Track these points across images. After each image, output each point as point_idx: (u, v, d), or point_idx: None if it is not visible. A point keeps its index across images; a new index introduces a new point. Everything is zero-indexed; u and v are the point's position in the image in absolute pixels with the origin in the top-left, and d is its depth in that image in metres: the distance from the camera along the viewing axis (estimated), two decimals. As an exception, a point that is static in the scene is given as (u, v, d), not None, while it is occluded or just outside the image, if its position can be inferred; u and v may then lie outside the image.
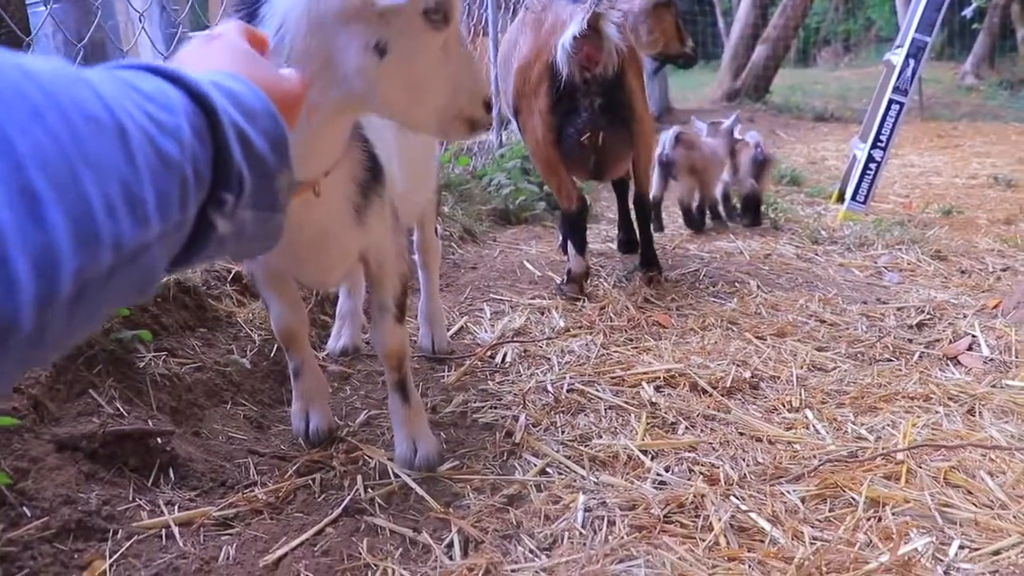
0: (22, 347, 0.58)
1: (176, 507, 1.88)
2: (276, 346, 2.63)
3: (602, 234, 4.93)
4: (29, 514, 1.73)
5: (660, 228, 5.07)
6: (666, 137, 4.98)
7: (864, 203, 5.71)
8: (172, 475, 2.00)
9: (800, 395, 2.53)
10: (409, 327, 2.95)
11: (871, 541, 1.78)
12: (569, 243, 3.69)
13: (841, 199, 6.01)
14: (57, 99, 0.62)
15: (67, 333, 0.64)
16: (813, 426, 2.34)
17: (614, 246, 4.52)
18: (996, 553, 1.74)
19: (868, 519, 1.87)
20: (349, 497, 1.94)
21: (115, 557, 1.69)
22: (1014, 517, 1.88)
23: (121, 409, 2.07)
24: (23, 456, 1.83)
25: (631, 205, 4.09)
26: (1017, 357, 2.82)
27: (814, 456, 2.15)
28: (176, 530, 1.79)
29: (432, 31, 1.49)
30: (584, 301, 3.45)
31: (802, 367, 2.75)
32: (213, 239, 0.83)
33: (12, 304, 0.55)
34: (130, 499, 1.87)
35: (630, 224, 4.33)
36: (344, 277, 2.14)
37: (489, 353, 2.87)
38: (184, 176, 0.74)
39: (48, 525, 1.72)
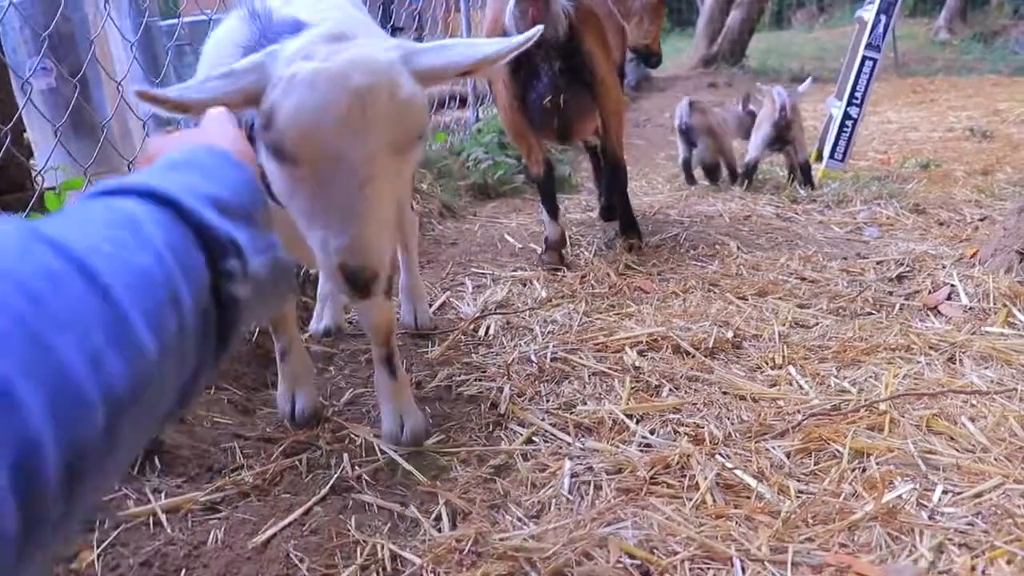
0: (20, 546, 0.52)
1: (163, 494, 1.87)
2: (257, 330, 2.62)
3: (582, 203, 4.92)
4: (14, 508, 1.72)
5: (692, 181, 5.46)
6: (681, 106, 5.31)
7: (842, 161, 5.71)
8: (158, 463, 1.99)
9: (783, 352, 2.53)
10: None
11: (856, 491, 1.79)
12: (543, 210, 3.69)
13: (819, 158, 6.01)
14: (6, 270, 0.57)
15: (76, 502, 0.59)
16: (796, 382, 2.35)
17: (595, 215, 4.50)
18: (978, 496, 1.76)
19: (853, 470, 1.88)
20: (336, 476, 1.94)
21: (103, 547, 1.69)
22: (995, 460, 1.89)
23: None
24: (5, 451, 1.81)
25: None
26: (995, 304, 2.84)
27: (798, 411, 2.16)
28: (163, 517, 1.79)
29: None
30: (565, 270, 3.45)
31: (784, 324, 2.76)
32: (241, 311, 0.81)
33: None
34: (116, 489, 1.86)
35: (612, 191, 4.23)
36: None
37: (472, 326, 2.87)
38: (169, 274, 0.71)
39: (34, 518, 1.71)
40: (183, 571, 1.64)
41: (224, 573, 1.63)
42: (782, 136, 5.11)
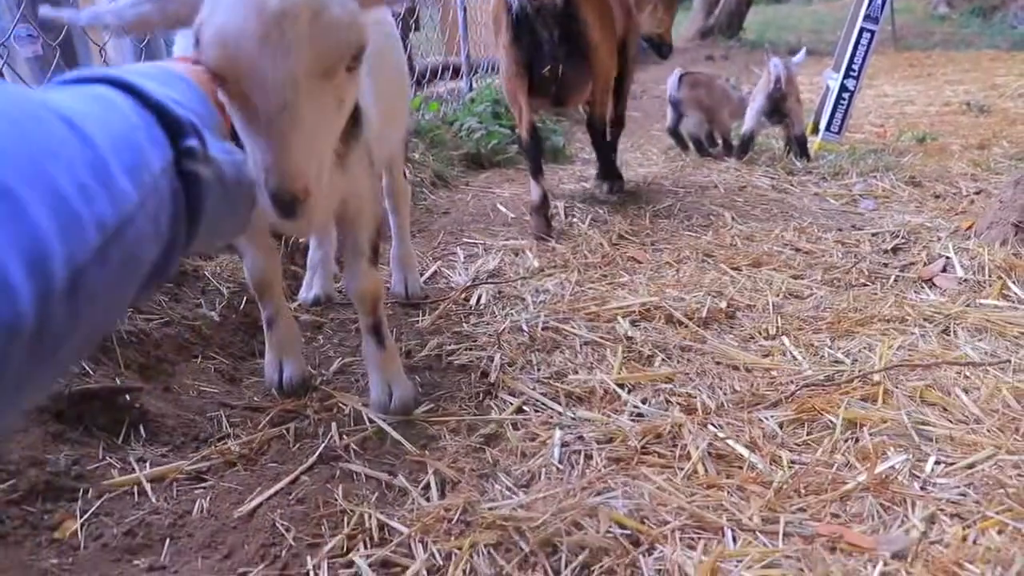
0: (32, 347, 0.58)
1: (148, 463, 1.85)
2: (245, 298, 2.59)
3: (576, 174, 4.88)
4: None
5: (684, 147, 5.50)
6: (672, 77, 5.36)
7: (838, 133, 5.68)
8: (143, 432, 1.96)
9: (776, 322, 2.51)
10: (382, 273, 2.92)
11: (849, 462, 1.78)
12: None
13: (816, 130, 5.97)
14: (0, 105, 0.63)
15: (75, 328, 0.64)
16: (790, 352, 2.33)
17: (588, 185, 4.49)
18: (971, 466, 1.75)
19: (845, 440, 1.86)
20: (324, 445, 1.91)
21: (86, 516, 1.66)
22: (987, 431, 1.88)
23: (87, 368, 2.04)
24: (-13, 419, 1.79)
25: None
26: (990, 276, 2.82)
27: (791, 382, 2.14)
28: (148, 486, 1.77)
29: None
30: (554, 241, 3.42)
31: (778, 295, 2.74)
32: (204, 190, 0.86)
33: (10, 305, 0.55)
34: (100, 458, 1.84)
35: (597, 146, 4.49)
36: (325, 224, 2.10)
37: (463, 295, 2.84)
38: (139, 139, 0.77)
39: (15, 487, 1.69)
40: (167, 540, 1.62)
41: (209, 543, 1.61)
42: (777, 108, 5.07)
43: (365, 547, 1.56)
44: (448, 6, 7.96)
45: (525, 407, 2.07)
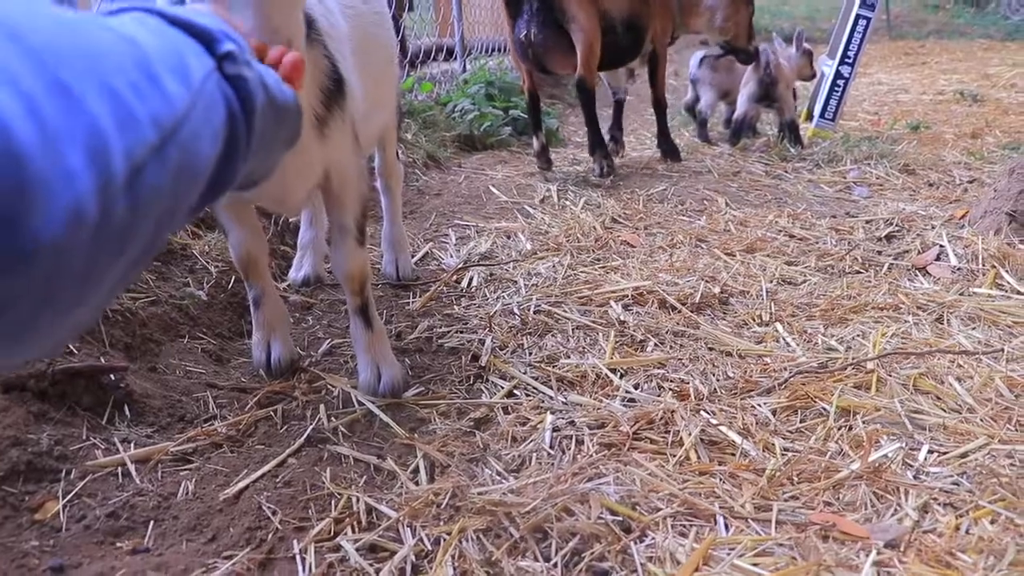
0: (99, 238, 0.61)
1: (132, 444, 1.82)
2: (234, 278, 2.56)
3: (569, 157, 4.86)
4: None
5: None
6: (694, 59, 5.66)
7: (833, 120, 5.66)
8: (128, 412, 1.93)
9: (770, 309, 2.50)
10: (372, 254, 2.89)
11: (842, 450, 1.76)
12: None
13: (810, 117, 5.95)
14: (38, 7, 0.63)
15: (139, 225, 0.67)
16: (783, 339, 2.31)
17: (581, 168, 4.49)
18: (964, 456, 1.73)
19: (839, 428, 1.85)
20: (311, 427, 1.89)
21: (68, 497, 1.63)
22: (981, 420, 1.87)
23: (71, 346, 2.00)
24: (-34, 399, 1.76)
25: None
26: (984, 265, 2.81)
27: (784, 368, 2.13)
28: (132, 467, 1.74)
29: None
30: (551, 224, 3.39)
31: (772, 281, 2.72)
32: (253, 89, 0.90)
33: (74, 193, 0.57)
34: (83, 438, 1.81)
35: (619, 123, 5.17)
36: (306, 199, 2.07)
37: (455, 278, 2.81)
38: (178, 46, 0.81)
39: (-4, 467, 1.66)
40: (152, 522, 1.59)
41: (194, 525, 1.58)
42: (768, 93, 5.07)
43: (353, 531, 1.54)
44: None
45: (516, 391, 2.05)
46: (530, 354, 2.23)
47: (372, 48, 2.18)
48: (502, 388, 2.05)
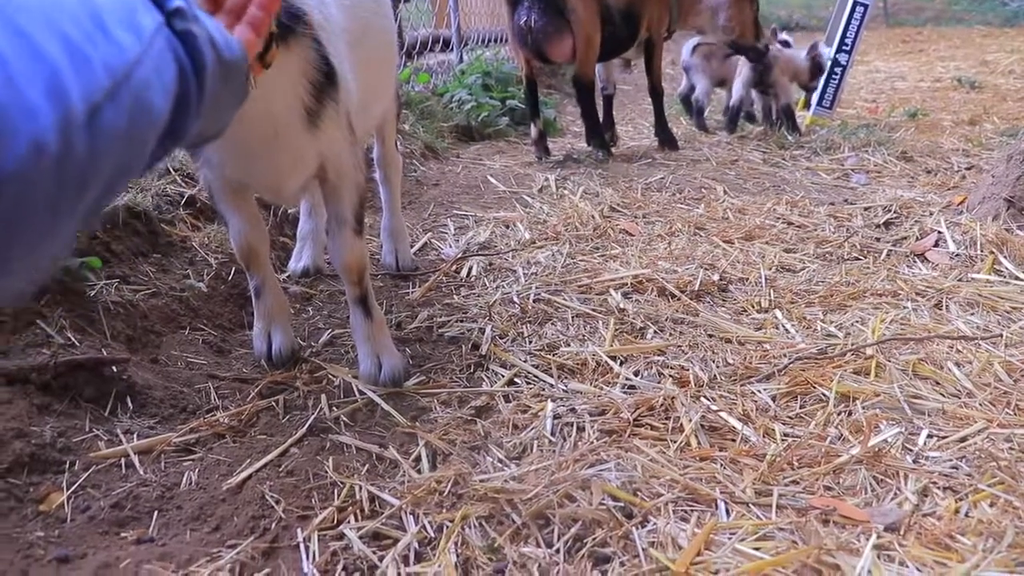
0: (59, 174, 0.65)
1: (135, 435, 1.82)
2: (234, 269, 2.56)
3: (567, 147, 4.86)
4: (-18, 448, 1.67)
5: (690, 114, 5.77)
6: (686, 46, 5.72)
7: (830, 107, 5.66)
8: (130, 403, 1.94)
9: (769, 296, 2.50)
10: (371, 244, 2.89)
11: (842, 435, 1.77)
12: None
13: (807, 105, 5.95)
14: None
15: (98, 165, 0.71)
16: (782, 325, 2.32)
17: (578, 158, 4.51)
18: (963, 440, 1.74)
19: (838, 414, 1.86)
20: (313, 417, 1.89)
21: (72, 488, 1.64)
22: (979, 404, 1.88)
23: (73, 339, 2.00)
24: (-32, 392, 1.76)
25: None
26: (982, 251, 2.81)
27: (784, 355, 2.13)
28: (136, 458, 1.74)
29: None
30: (549, 213, 3.40)
31: (770, 268, 2.73)
32: (202, 46, 0.91)
33: (35, 126, 0.61)
34: (86, 430, 1.82)
35: (611, 118, 5.17)
36: (302, 188, 2.07)
37: (454, 268, 2.81)
38: (131, 5, 0.82)
39: (0, 460, 1.66)
40: (155, 513, 1.59)
41: (198, 515, 1.59)
42: (763, 79, 5.09)
43: (356, 519, 1.54)
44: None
45: (517, 379, 2.05)
46: (530, 342, 2.23)
47: (370, 37, 2.16)
48: (503, 376, 2.05)
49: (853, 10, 5.74)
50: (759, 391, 1.96)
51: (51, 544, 1.51)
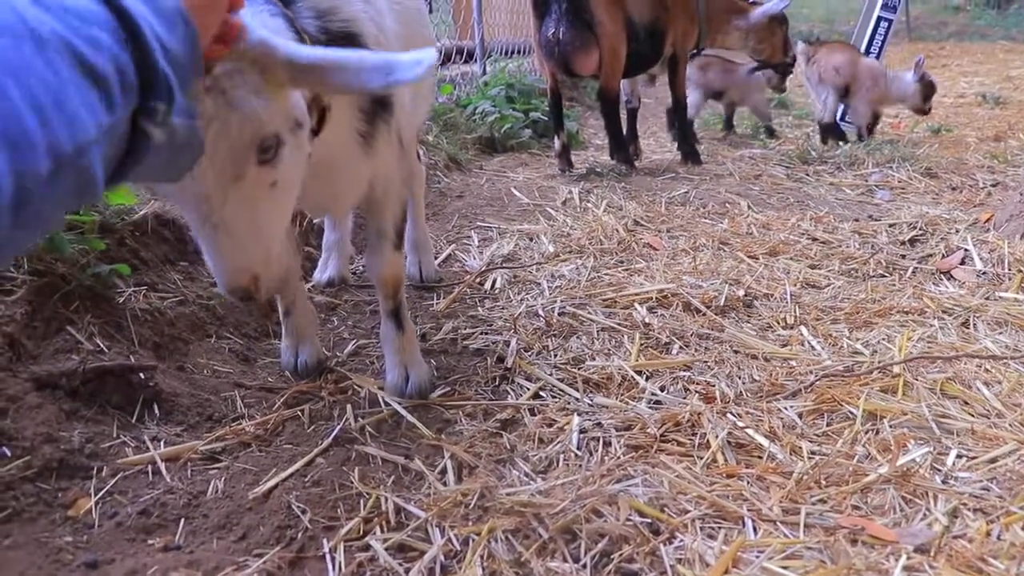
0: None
1: (162, 442, 1.83)
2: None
3: (589, 160, 4.86)
4: (9, 454, 1.69)
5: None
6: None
7: (853, 123, 5.64)
8: (157, 410, 1.95)
9: (794, 312, 2.49)
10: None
11: (870, 453, 1.75)
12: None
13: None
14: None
15: (11, 241, 0.67)
16: (808, 342, 2.31)
17: (601, 171, 4.52)
18: (993, 461, 1.72)
19: (866, 432, 1.84)
20: (339, 427, 1.90)
21: (100, 494, 1.65)
22: (1010, 425, 1.86)
23: (101, 345, 2.02)
24: (0, 395, 1.78)
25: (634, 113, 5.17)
26: (1009, 269, 2.79)
27: (810, 372, 2.12)
28: (162, 465, 1.75)
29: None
30: (573, 226, 3.40)
31: (795, 284, 2.72)
32: (149, 149, 0.85)
33: None
34: (114, 436, 1.83)
35: (634, 131, 5.17)
36: (355, 205, 2.08)
37: (478, 280, 2.82)
38: (107, 79, 0.76)
39: (30, 464, 1.68)
40: (182, 520, 1.60)
41: (224, 523, 1.59)
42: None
43: (382, 530, 1.54)
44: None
45: (542, 392, 2.05)
46: (555, 356, 2.23)
47: (417, 44, 2.12)
48: (528, 390, 2.05)
49: (877, 25, 5.75)
50: (785, 408, 1.95)
51: (79, 549, 1.52)
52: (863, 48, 5.83)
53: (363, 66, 1.22)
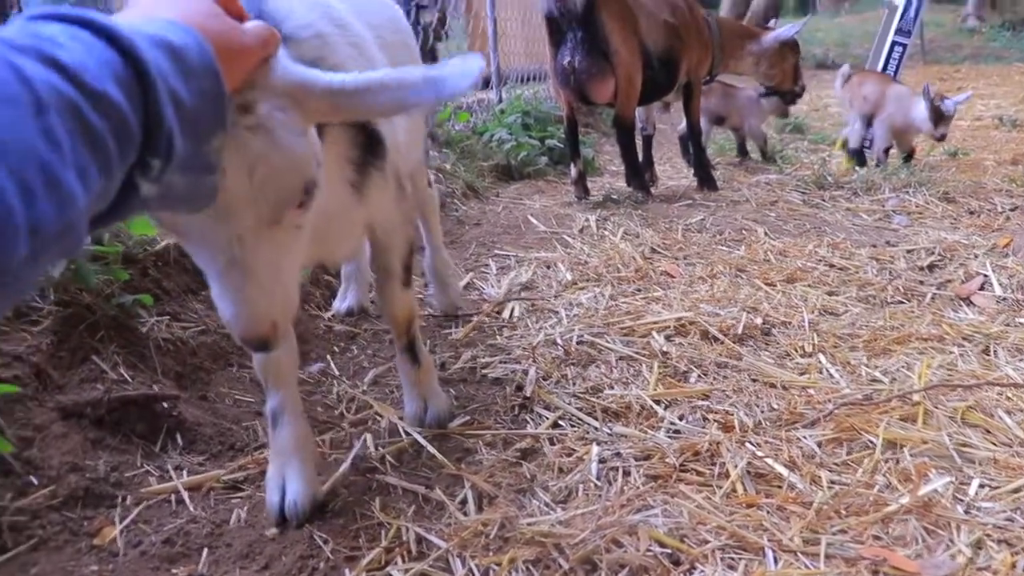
0: None
1: (185, 471, 1.86)
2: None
3: (605, 186, 4.88)
4: (36, 482, 1.71)
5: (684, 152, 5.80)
6: None
7: (870, 148, 5.64)
8: (179, 440, 1.97)
9: (812, 340, 2.49)
10: (416, 284, 2.90)
11: (890, 483, 1.75)
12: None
13: (845, 146, 5.94)
14: None
15: None
16: (827, 370, 2.31)
17: (616, 197, 4.54)
18: (1016, 491, 1.71)
19: (886, 461, 1.84)
20: (359, 456, 1.91)
21: (125, 523, 1.67)
22: (1033, 455, 1.85)
23: (125, 375, 2.05)
24: (27, 424, 1.80)
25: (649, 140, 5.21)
26: (1030, 295, 2.78)
27: (829, 400, 2.12)
28: (186, 495, 1.78)
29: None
30: (590, 254, 3.42)
31: (813, 312, 2.72)
32: (136, 201, 0.81)
33: None
34: (138, 465, 1.86)
35: (650, 158, 5.21)
36: (353, 251, 2.04)
37: (496, 309, 2.83)
38: (107, 143, 0.72)
39: (56, 493, 1.70)
40: (205, 549, 1.62)
41: (247, 553, 1.61)
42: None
43: (403, 560, 1.55)
44: (478, 17, 7.99)
45: (561, 422, 2.06)
46: (574, 384, 2.24)
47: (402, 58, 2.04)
48: (547, 419, 2.06)
49: (891, 49, 5.76)
50: (804, 437, 1.94)
51: (105, 579, 1.54)
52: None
53: (408, 83, 1.13)
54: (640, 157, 4.87)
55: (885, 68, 6.01)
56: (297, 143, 1.15)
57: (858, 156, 5.49)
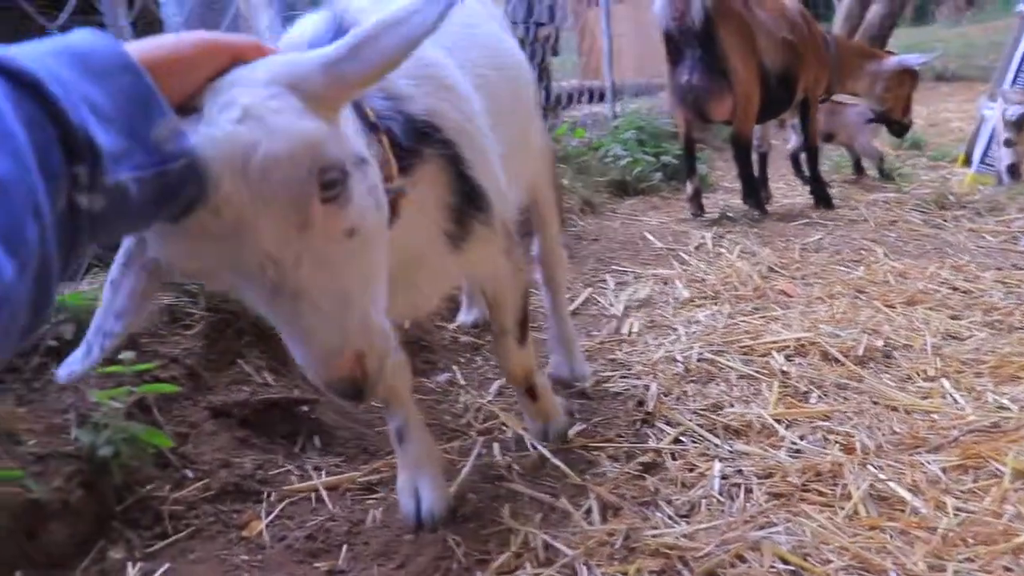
0: None
1: (323, 472, 1.98)
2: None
3: (719, 203, 4.89)
4: (191, 476, 1.86)
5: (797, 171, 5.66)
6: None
7: (993, 166, 5.47)
8: (317, 442, 2.10)
9: (935, 364, 2.46)
10: (540, 349, 2.55)
11: (1020, 513, 1.73)
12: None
13: (968, 162, 5.77)
14: None
15: None
16: (951, 395, 2.28)
17: (732, 215, 4.55)
18: None
19: (1016, 491, 1.81)
20: (487, 464, 1.99)
21: (270, 518, 1.80)
22: None
23: (268, 379, 2.19)
24: (182, 422, 1.96)
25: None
26: None
27: (953, 426, 2.10)
28: (325, 494, 1.89)
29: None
30: (707, 271, 3.44)
31: (936, 335, 2.68)
32: (83, 219, 0.76)
33: None
34: (280, 464, 1.98)
35: (765, 175, 5.19)
36: (441, 304, 1.97)
37: (616, 330, 2.88)
38: (31, 189, 0.67)
39: (208, 487, 1.85)
40: (344, 546, 1.72)
41: (384, 551, 1.71)
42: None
43: (531, 566, 1.62)
44: (585, 31, 8.08)
45: (682, 437, 2.10)
46: (694, 401, 2.28)
47: (511, 120, 1.83)
48: (669, 434, 2.10)
49: (1022, 63, 5.56)
50: (928, 462, 1.94)
51: (254, 568, 1.66)
52: (1008, 82, 5.63)
53: (408, 10, 1.01)
54: (757, 174, 4.87)
55: (1015, 81, 5.80)
56: (296, 123, 0.98)
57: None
